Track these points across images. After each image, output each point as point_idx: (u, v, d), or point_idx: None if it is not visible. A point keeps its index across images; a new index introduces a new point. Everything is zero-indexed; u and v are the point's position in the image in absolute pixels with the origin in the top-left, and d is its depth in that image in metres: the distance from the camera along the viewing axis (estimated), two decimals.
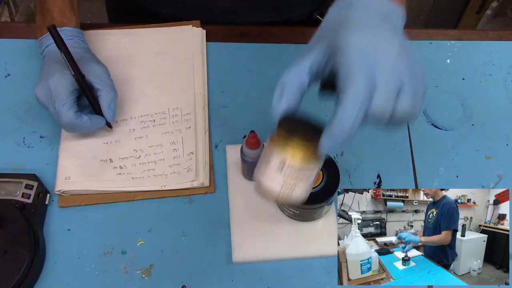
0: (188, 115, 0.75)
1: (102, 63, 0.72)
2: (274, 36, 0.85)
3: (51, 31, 0.65)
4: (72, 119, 0.66)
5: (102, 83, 0.69)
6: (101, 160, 0.72)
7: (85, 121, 0.68)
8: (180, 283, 0.66)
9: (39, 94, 0.67)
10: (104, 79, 0.69)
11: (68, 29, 0.72)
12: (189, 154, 0.72)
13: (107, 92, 0.69)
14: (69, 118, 0.66)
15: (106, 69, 0.71)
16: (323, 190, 0.63)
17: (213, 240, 0.69)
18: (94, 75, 0.69)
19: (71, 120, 0.66)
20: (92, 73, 0.69)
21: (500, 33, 0.87)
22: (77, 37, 0.73)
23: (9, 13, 1.75)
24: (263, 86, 0.80)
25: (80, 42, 0.73)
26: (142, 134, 0.74)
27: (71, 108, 0.66)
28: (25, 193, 0.67)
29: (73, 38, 0.72)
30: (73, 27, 0.73)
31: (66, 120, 0.66)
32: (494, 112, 0.79)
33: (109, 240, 0.68)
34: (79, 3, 0.77)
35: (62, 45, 0.66)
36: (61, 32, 0.69)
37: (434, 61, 0.83)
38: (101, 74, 0.69)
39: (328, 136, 0.48)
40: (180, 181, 0.70)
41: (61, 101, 0.66)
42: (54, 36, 0.65)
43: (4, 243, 0.63)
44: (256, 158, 0.65)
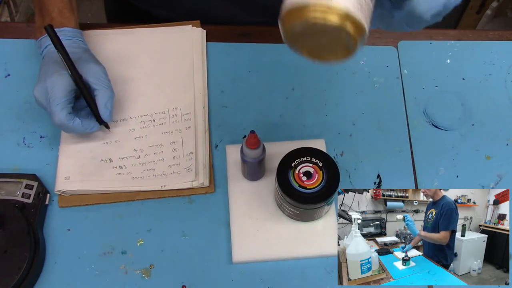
0: (187, 115, 0.75)
1: (100, 63, 0.71)
2: (274, 36, 0.85)
3: (48, 31, 0.65)
4: (64, 121, 0.66)
5: (99, 83, 0.69)
6: (101, 160, 0.72)
7: (76, 124, 0.67)
8: (180, 283, 0.66)
9: (37, 94, 0.67)
10: (102, 79, 0.69)
11: (67, 29, 0.72)
12: (189, 154, 0.72)
13: (104, 91, 0.69)
14: (61, 119, 0.66)
15: (103, 69, 0.70)
16: (323, 190, 0.63)
17: (213, 240, 0.69)
18: (91, 75, 0.68)
19: (62, 122, 0.66)
20: (89, 73, 0.68)
21: (500, 33, 0.87)
22: (76, 37, 0.73)
23: (9, 13, 1.75)
24: (263, 86, 0.80)
25: (78, 42, 0.73)
26: (142, 134, 0.74)
27: (64, 109, 0.66)
28: (25, 193, 0.67)
29: (71, 38, 0.72)
30: (72, 28, 0.73)
31: (58, 121, 0.66)
32: (494, 112, 0.79)
33: (109, 240, 0.68)
34: (78, 4, 0.77)
35: (59, 45, 0.66)
36: (60, 32, 0.69)
37: (434, 61, 0.83)
38: (99, 74, 0.69)
39: None
40: (180, 181, 0.70)
41: (55, 101, 0.66)
42: (51, 36, 0.65)
43: (4, 243, 0.63)
44: (256, 158, 0.66)
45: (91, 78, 0.68)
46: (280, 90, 0.80)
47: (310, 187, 0.63)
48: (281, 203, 0.67)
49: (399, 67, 0.82)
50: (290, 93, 0.80)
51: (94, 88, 0.69)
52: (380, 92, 0.80)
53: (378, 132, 0.77)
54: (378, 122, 0.78)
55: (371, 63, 0.82)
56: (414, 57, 0.83)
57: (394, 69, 0.82)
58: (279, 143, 0.72)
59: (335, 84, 0.80)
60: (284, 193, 0.63)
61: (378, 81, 0.81)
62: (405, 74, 0.82)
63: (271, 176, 0.72)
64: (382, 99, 0.80)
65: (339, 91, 0.80)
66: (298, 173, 0.64)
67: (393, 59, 0.83)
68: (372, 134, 0.77)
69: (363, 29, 0.44)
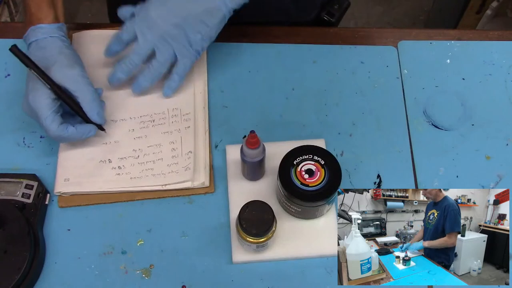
0: (187, 115, 0.75)
1: (76, 64, 0.69)
2: (274, 36, 0.85)
3: (14, 52, 0.64)
4: (58, 132, 0.66)
5: (76, 87, 0.67)
6: (100, 161, 0.72)
7: (71, 132, 0.67)
8: (180, 283, 0.66)
9: (26, 110, 0.68)
10: (79, 81, 0.67)
11: (42, 26, 0.69)
12: (188, 153, 0.72)
13: (85, 95, 0.67)
14: (54, 132, 0.66)
15: (79, 71, 0.68)
16: (325, 188, 0.63)
17: (213, 240, 0.69)
18: (68, 81, 0.67)
19: (56, 133, 0.66)
20: (65, 79, 0.67)
21: (500, 33, 0.87)
22: (51, 34, 0.70)
23: (9, 13, 1.75)
24: (263, 86, 0.80)
25: (54, 41, 0.69)
26: (141, 134, 0.74)
27: (53, 122, 0.65)
28: (25, 193, 0.67)
29: (46, 37, 0.69)
30: (48, 23, 0.70)
31: (53, 135, 0.66)
32: (494, 112, 0.79)
33: (109, 240, 0.68)
34: (78, 4, 0.76)
35: (29, 63, 0.64)
36: (36, 30, 0.68)
37: (434, 61, 0.83)
38: (75, 79, 0.67)
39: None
40: (178, 180, 0.70)
41: (42, 116, 0.65)
42: (18, 56, 0.64)
43: (4, 243, 0.63)
44: (256, 158, 0.66)
45: (68, 84, 0.67)
46: (280, 90, 0.80)
47: (312, 184, 0.63)
48: (283, 201, 0.67)
49: (399, 67, 0.82)
50: (290, 93, 0.80)
51: (74, 94, 0.67)
52: (380, 92, 0.80)
53: (378, 132, 0.77)
54: (378, 122, 0.78)
55: (371, 63, 0.82)
56: (414, 57, 0.83)
57: (394, 69, 0.82)
58: (279, 143, 0.72)
59: (335, 84, 0.80)
60: (286, 191, 0.63)
61: (378, 81, 0.81)
62: (405, 74, 0.82)
63: (271, 176, 0.72)
64: (382, 99, 0.80)
65: (339, 91, 0.80)
66: (300, 171, 0.64)
67: (393, 59, 0.83)
68: (372, 134, 0.77)
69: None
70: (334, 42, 0.84)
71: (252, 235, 0.62)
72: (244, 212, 0.61)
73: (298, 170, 0.64)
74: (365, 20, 2.02)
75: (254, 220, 0.61)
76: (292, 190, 0.63)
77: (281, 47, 0.83)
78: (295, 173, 0.64)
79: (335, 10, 0.90)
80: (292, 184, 0.63)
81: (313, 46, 0.83)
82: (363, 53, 0.83)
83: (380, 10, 2.05)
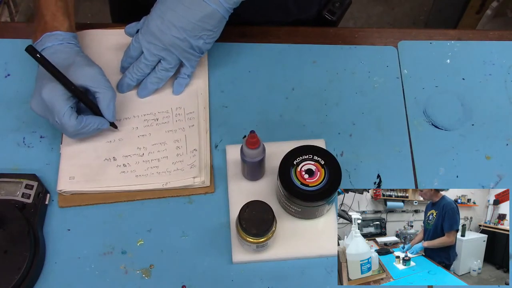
0: (191, 114, 0.76)
1: (95, 64, 0.71)
2: (274, 36, 0.85)
3: (30, 53, 0.64)
4: (76, 126, 0.66)
5: (98, 85, 0.68)
6: (105, 159, 0.72)
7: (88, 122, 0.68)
8: (180, 283, 0.66)
9: (35, 108, 0.68)
10: (100, 80, 0.69)
11: (59, 33, 0.71)
12: (193, 151, 0.72)
13: (105, 93, 0.68)
14: (73, 127, 0.66)
15: (99, 70, 0.70)
16: (325, 188, 0.63)
17: (213, 240, 0.69)
18: (88, 79, 0.68)
19: (75, 128, 0.66)
20: (86, 77, 0.68)
21: (500, 33, 0.87)
22: (68, 40, 0.72)
23: (9, 13, 1.75)
24: (263, 86, 0.80)
25: (71, 46, 0.72)
26: (145, 132, 0.74)
27: (71, 116, 0.66)
28: (25, 193, 0.67)
29: (63, 42, 0.71)
30: (65, 31, 0.72)
31: (72, 130, 0.67)
32: (494, 112, 0.79)
33: (109, 240, 0.68)
34: (78, 4, 0.76)
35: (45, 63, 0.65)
36: (52, 36, 0.69)
37: (434, 61, 0.83)
38: (95, 76, 0.69)
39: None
40: (183, 177, 0.70)
41: (59, 113, 0.65)
42: (34, 57, 0.65)
43: (4, 243, 0.63)
44: (256, 158, 0.66)
45: (89, 82, 0.68)
46: (280, 90, 0.80)
47: (312, 184, 0.63)
48: (283, 201, 0.67)
49: (399, 67, 0.82)
50: (290, 93, 0.80)
51: (94, 91, 0.68)
52: (380, 92, 0.80)
53: (378, 132, 0.77)
54: (378, 122, 0.78)
55: (371, 63, 0.82)
56: (414, 57, 0.83)
57: (394, 69, 0.82)
58: (279, 143, 0.72)
59: (335, 84, 0.80)
60: (286, 191, 0.63)
61: (378, 81, 0.81)
62: (405, 74, 0.82)
63: (271, 176, 0.72)
64: (382, 99, 0.80)
65: (339, 91, 0.80)
66: (300, 171, 0.64)
67: (393, 59, 0.83)
68: (372, 134, 0.77)
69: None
70: (334, 42, 0.84)
71: (252, 235, 0.62)
72: (244, 212, 0.61)
73: (298, 170, 0.64)
74: (365, 20, 2.03)
75: (254, 220, 0.61)
76: (292, 190, 0.63)
77: (281, 47, 0.83)
78: (295, 173, 0.64)
79: (336, 8, 0.90)
80: (292, 184, 0.63)
81: (313, 46, 0.83)
82: (363, 53, 0.83)
83: (380, 10, 2.05)
